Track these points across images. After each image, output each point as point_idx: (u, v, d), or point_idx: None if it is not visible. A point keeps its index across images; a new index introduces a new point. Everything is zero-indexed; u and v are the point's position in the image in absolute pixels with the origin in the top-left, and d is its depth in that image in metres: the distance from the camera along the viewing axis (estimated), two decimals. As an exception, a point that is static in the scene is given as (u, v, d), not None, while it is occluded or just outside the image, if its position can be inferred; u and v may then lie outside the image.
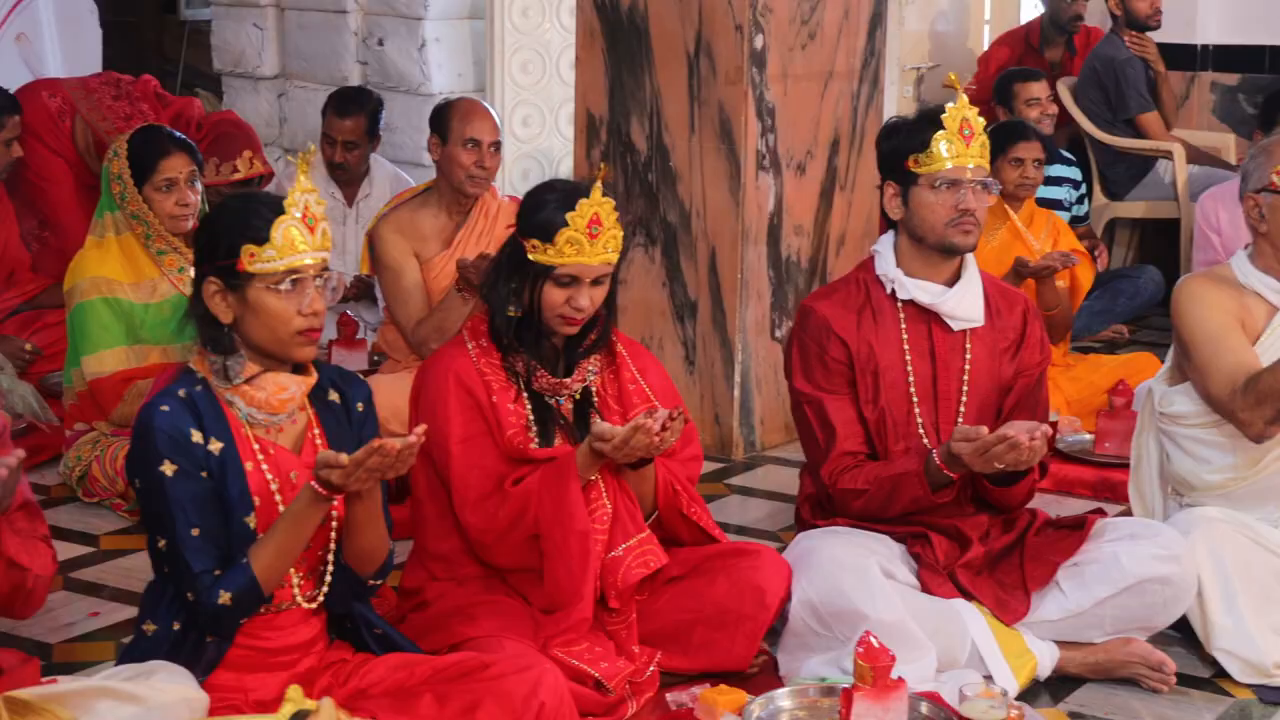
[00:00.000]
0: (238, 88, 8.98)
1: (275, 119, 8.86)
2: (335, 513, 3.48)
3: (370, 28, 8.49)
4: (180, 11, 10.55)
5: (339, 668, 3.60)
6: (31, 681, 3.23)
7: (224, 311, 3.45)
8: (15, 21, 7.67)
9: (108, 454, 5.22)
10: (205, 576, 3.37)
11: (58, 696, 3.13)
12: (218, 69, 9.10)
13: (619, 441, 3.79)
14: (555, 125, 8.36)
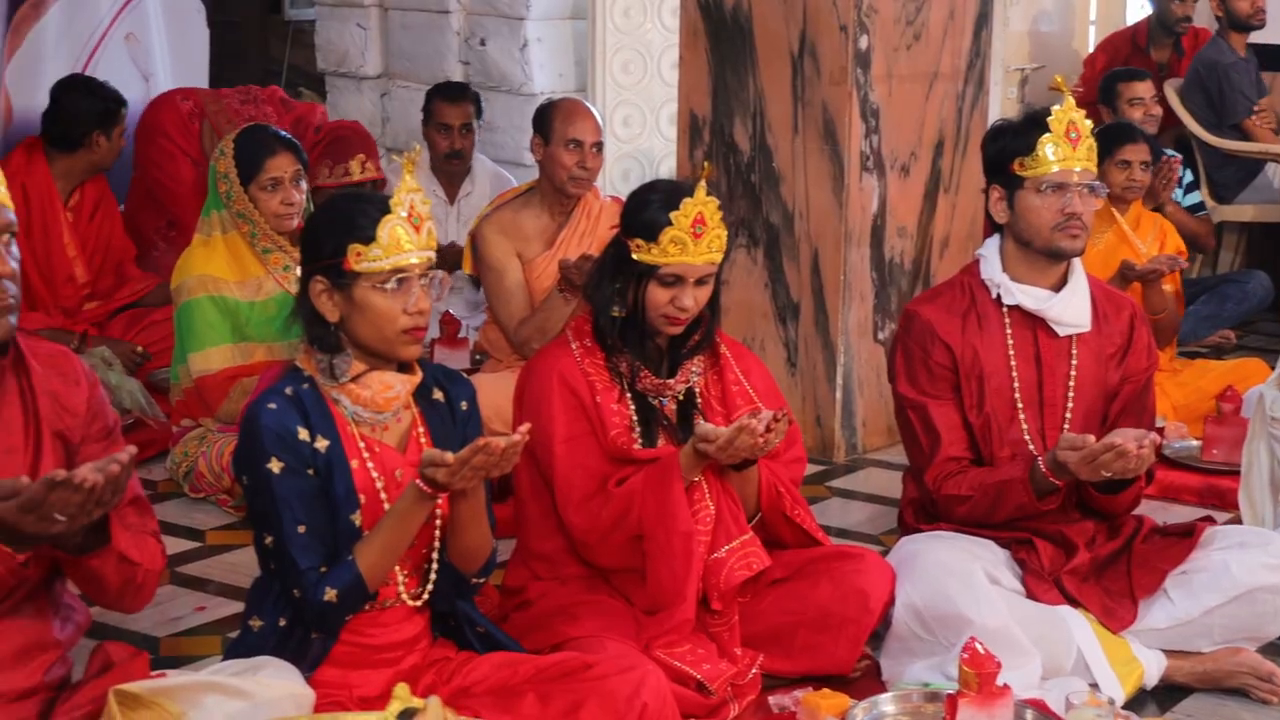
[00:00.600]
0: (341, 87, 9.04)
1: (378, 118, 8.90)
2: (440, 511, 3.50)
3: (472, 28, 8.52)
4: (285, 12, 10.63)
5: (442, 665, 3.61)
6: (141, 675, 3.25)
7: (330, 310, 3.47)
8: (124, 21, 7.74)
9: (214, 450, 5.27)
10: (311, 573, 3.40)
11: (167, 690, 3.15)
12: (321, 69, 9.16)
13: (723, 442, 3.78)
14: (656, 125, 8.36)
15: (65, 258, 6.34)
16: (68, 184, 6.40)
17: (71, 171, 6.39)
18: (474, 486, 3.40)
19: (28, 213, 6.14)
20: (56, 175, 6.36)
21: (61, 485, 2.87)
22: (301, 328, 3.54)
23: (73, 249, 6.36)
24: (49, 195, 6.32)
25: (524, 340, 5.63)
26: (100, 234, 6.52)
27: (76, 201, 6.46)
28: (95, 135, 6.34)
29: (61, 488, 2.88)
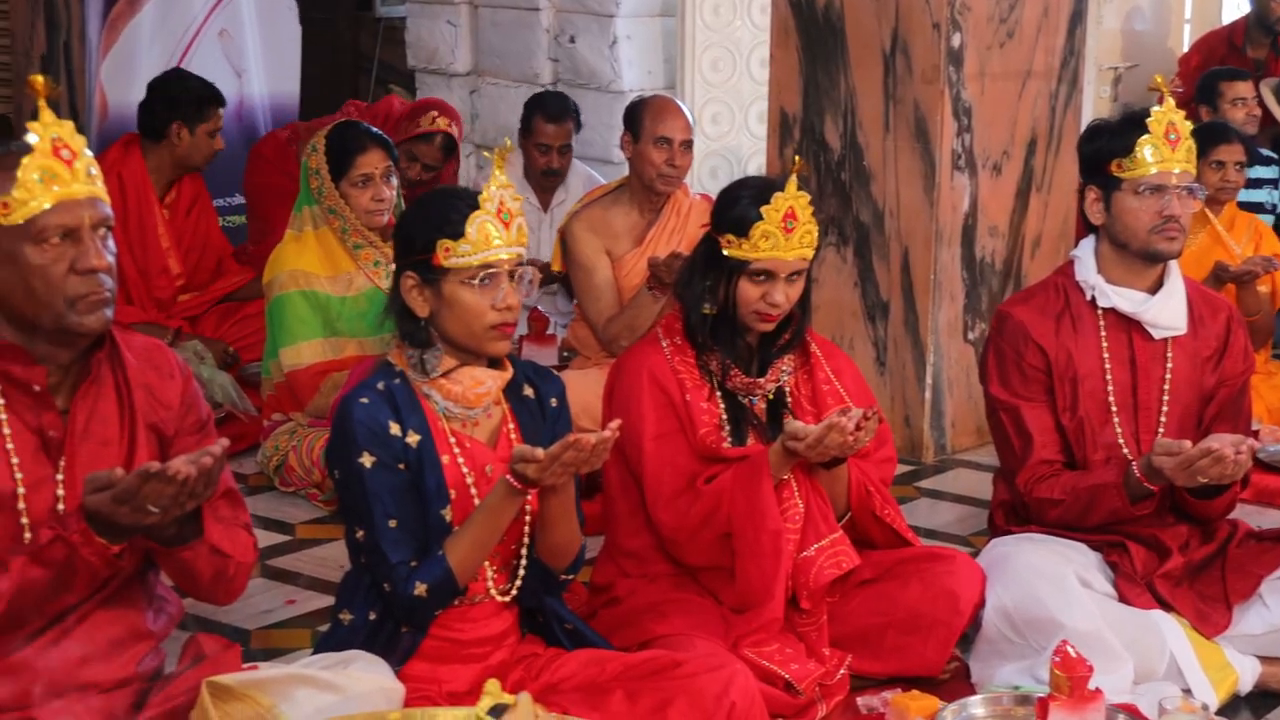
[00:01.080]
0: (431, 84, 9.07)
1: (467, 115, 8.93)
2: (529, 507, 3.50)
3: (562, 25, 8.52)
4: (376, 9, 10.67)
5: (530, 662, 3.61)
6: (233, 667, 3.27)
7: (420, 306, 3.48)
8: (218, 17, 7.81)
9: (304, 444, 5.30)
10: (402, 568, 3.41)
11: (258, 683, 3.17)
12: (411, 65, 9.20)
13: (813, 440, 3.76)
14: (745, 123, 8.34)
15: (159, 250, 6.38)
16: (161, 179, 6.44)
17: (162, 166, 6.43)
18: (564, 483, 3.41)
19: (124, 206, 6.20)
20: (151, 170, 6.40)
21: (155, 477, 2.89)
22: (394, 323, 3.55)
23: (167, 241, 6.41)
24: (144, 189, 6.37)
25: (612, 338, 5.63)
26: (196, 230, 6.57)
27: (173, 198, 6.51)
28: (175, 127, 6.37)
29: (155, 480, 2.90)
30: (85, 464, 3.12)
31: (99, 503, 2.92)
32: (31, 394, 3.10)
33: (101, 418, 3.19)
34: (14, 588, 2.98)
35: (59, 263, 3.02)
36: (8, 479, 3.08)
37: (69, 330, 3.07)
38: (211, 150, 6.44)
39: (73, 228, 3.02)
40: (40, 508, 3.10)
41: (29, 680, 3.11)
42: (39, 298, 3.03)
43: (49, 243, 3.01)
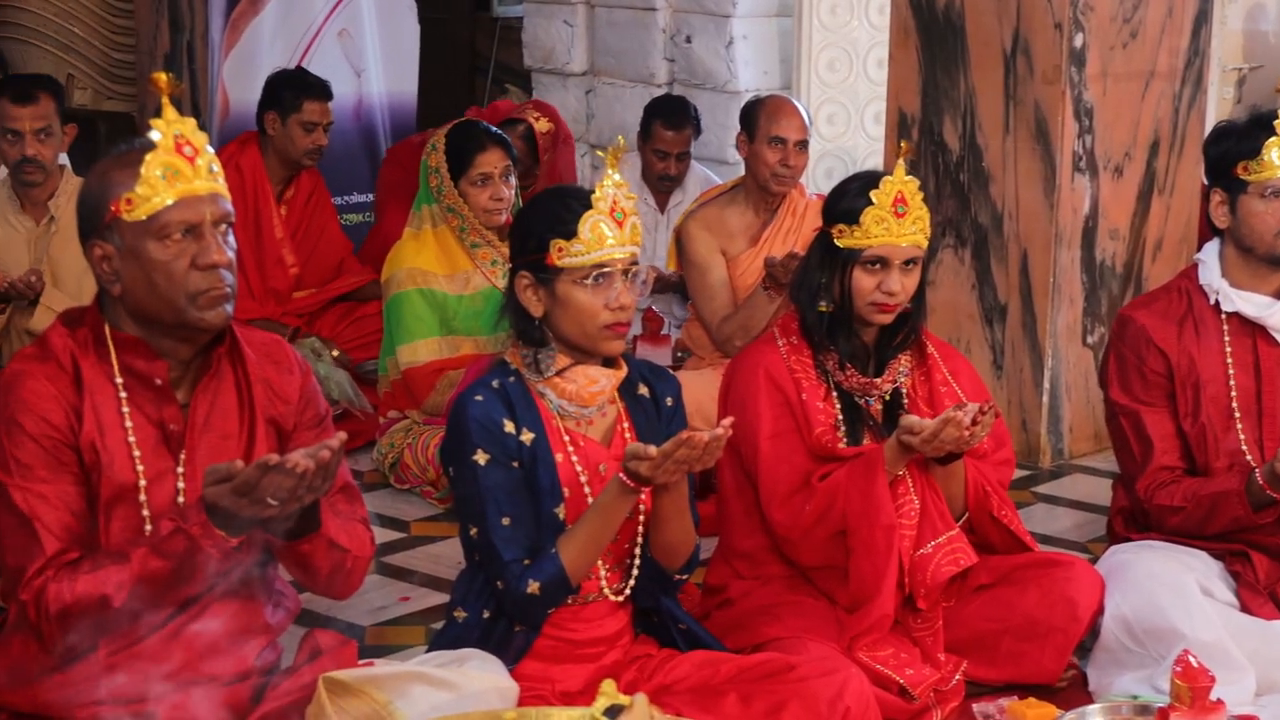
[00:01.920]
0: (547, 84, 9.10)
1: (583, 115, 8.95)
2: (643, 506, 3.50)
3: (678, 25, 8.52)
4: (493, 8, 10.72)
5: (644, 662, 3.61)
6: (349, 663, 3.29)
7: (535, 305, 3.49)
8: (338, 17, 7.87)
9: (419, 442, 5.32)
10: (515, 565, 3.41)
11: (374, 679, 3.18)
12: (528, 65, 9.24)
13: (928, 434, 3.71)
14: (860, 124, 8.30)
15: (274, 241, 6.44)
16: (276, 174, 6.50)
17: (275, 162, 6.49)
18: (677, 481, 3.40)
19: (241, 199, 6.28)
20: (267, 165, 6.47)
21: (274, 470, 2.91)
22: (509, 322, 3.56)
23: (281, 233, 6.47)
24: (260, 183, 6.43)
25: (726, 337, 5.61)
26: (312, 226, 6.62)
27: (290, 194, 6.57)
28: (269, 117, 6.42)
29: (274, 472, 2.91)
30: (205, 457, 3.15)
31: (218, 495, 2.94)
32: (153, 388, 3.14)
33: (222, 411, 3.21)
34: (135, 579, 3.01)
35: (181, 258, 3.04)
36: (130, 471, 3.11)
37: (190, 325, 3.10)
38: (309, 144, 6.43)
39: (194, 224, 3.05)
40: (161, 500, 3.13)
41: (149, 672, 3.14)
42: (161, 293, 3.05)
43: (171, 239, 3.04)
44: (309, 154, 6.46)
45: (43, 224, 5.74)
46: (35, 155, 5.56)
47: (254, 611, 3.28)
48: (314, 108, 6.42)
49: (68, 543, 3.05)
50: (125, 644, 3.11)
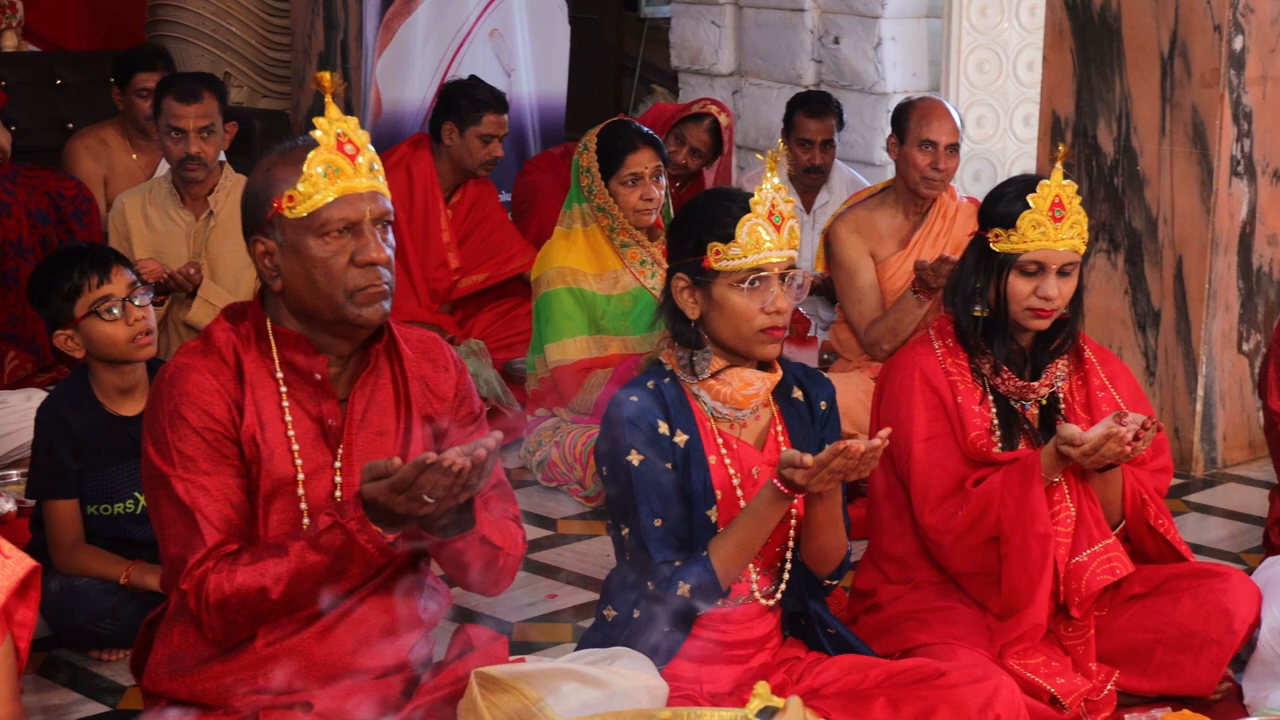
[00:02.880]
0: (693, 84, 9.10)
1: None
2: (794, 511, 3.49)
3: (826, 26, 8.48)
4: (641, 9, 10.75)
5: (792, 665, 3.60)
6: (500, 659, 3.31)
7: (691, 307, 3.49)
8: (490, 17, 7.92)
9: (567, 440, 5.35)
10: (665, 567, 3.41)
11: (525, 675, 3.19)
12: (675, 66, 9.24)
13: (1088, 448, 3.67)
14: (1009, 126, 8.21)
15: (440, 244, 6.49)
16: (446, 179, 6.55)
17: (445, 166, 6.55)
18: (830, 489, 3.38)
19: (410, 201, 6.35)
20: (438, 170, 6.53)
21: (431, 468, 2.94)
22: (665, 323, 3.56)
23: (448, 236, 6.52)
24: (431, 186, 6.48)
25: (874, 341, 5.59)
26: (480, 229, 6.67)
27: (458, 199, 6.62)
28: (447, 126, 6.48)
29: (431, 470, 2.94)
30: (362, 453, 3.18)
31: (376, 491, 2.97)
32: (313, 383, 3.18)
33: (379, 407, 3.25)
34: (291, 572, 3.05)
35: (340, 255, 3.08)
36: (289, 465, 3.15)
37: (348, 321, 3.13)
38: (485, 155, 6.48)
39: (354, 221, 3.08)
40: (319, 494, 3.17)
41: (304, 666, 3.18)
42: (320, 289, 3.09)
43: (331, 235, 3.07)
44: (485, 165, 6.52)
45: (202, 219, 5.83)
46: (198, 153, 5.66)
47: (407, 607, 3.30)
48: (492, 120, 6.46)
49: (227, 535, 3.09)
50: (282, 635, 3.16)
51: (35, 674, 4.05)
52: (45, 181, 6.40)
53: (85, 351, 4.21)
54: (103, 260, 4.25)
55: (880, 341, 5.53)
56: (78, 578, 4.10)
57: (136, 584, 4.10)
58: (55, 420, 4.21)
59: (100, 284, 4.19)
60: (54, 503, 4.18)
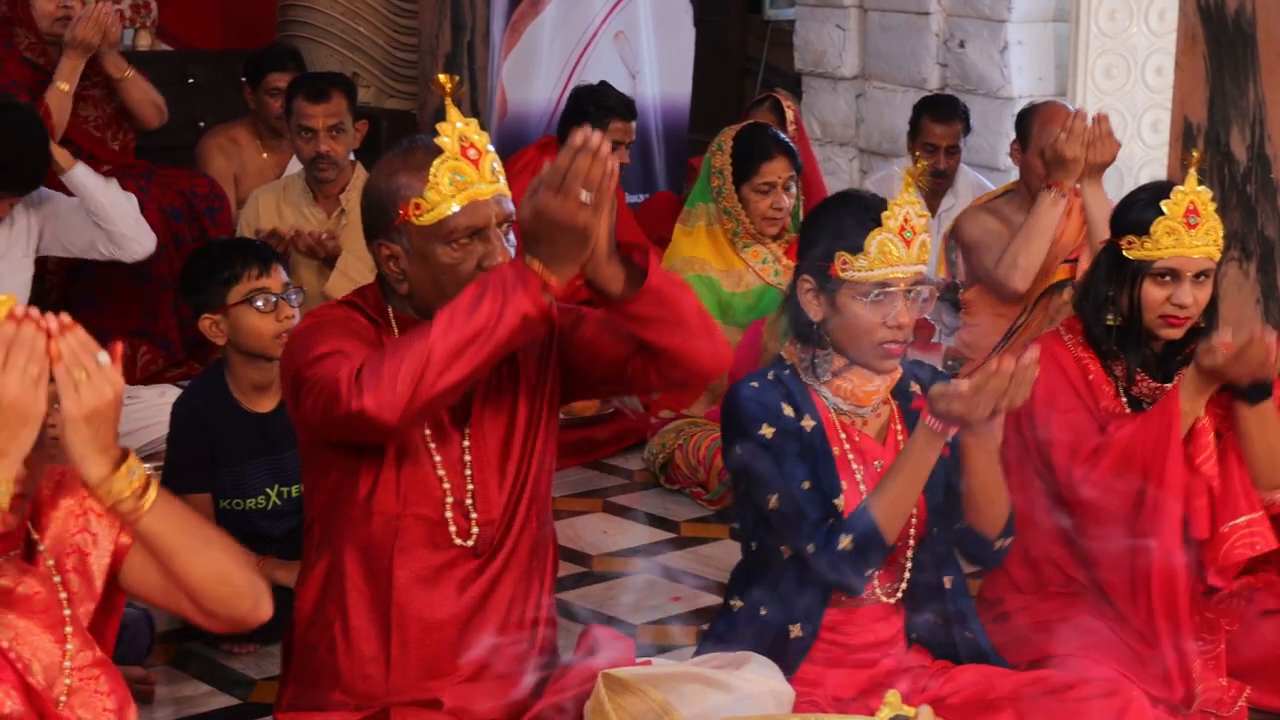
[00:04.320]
0: (817, 87, 9.08)
1: (852, 119, 8.92)
2: (915, 512, 3.46)
3: (952, 29, 8.43)
4: (765, 11, 10.73)
5: (918, 673, 3.57)
6: (627, 661, 3.32)
7: (815, 310, 3.48)
8: (615, 19, 7.95)
9: (690, 443, 5.35)
10: (824, 523, 3.36)
11: (652, 678, 3.20)
12: (798, 68, 9.22)
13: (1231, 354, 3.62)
14: (1137, 132, 8.12)
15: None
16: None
17: None
18: (988, 424, 3.32)
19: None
20: None
21: (582, 150, 2.90)
22: (788, 321, 3.56)
23: None
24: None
25: (1010, 262, 5.52)
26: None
27: None
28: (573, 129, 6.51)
29: (583, 155, 2.90)
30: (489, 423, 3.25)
31: (530, 211, 2.90)
32: None
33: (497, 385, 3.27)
34: (446, 315, 2.94)
35: (467, 260, 3.11)
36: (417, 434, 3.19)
37: None
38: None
39: (480, 227, 3.11)
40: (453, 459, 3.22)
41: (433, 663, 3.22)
42: (447, 294, 3.10)
43: (458, 242, 3.10)
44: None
45: (334, 216, 5.90)
46: (328, 151, 5.73)
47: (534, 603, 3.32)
48: (620, 127, 6.48)
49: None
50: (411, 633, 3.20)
51: (168, 665, 4.13)
52: (178, 180, 6.50)
53: (227, 340, 4.28)
54: (264, 256, 4.36)
55: (1016, 257, 5.43)
56: (210, 571, 4.16)
57: (267, 578, 4.14)
58: (190, 414, 4.28)
59: (259, 276, 4.28)
60: (188, 497, 4.24)
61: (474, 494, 3.23)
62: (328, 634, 3.25)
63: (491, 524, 3.24)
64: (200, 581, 2.64)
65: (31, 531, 2.67)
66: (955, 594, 3.57)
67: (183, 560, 2.61)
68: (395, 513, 3.19)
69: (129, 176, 6.40)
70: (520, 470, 3.28)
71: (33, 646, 2.61)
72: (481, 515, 3.23)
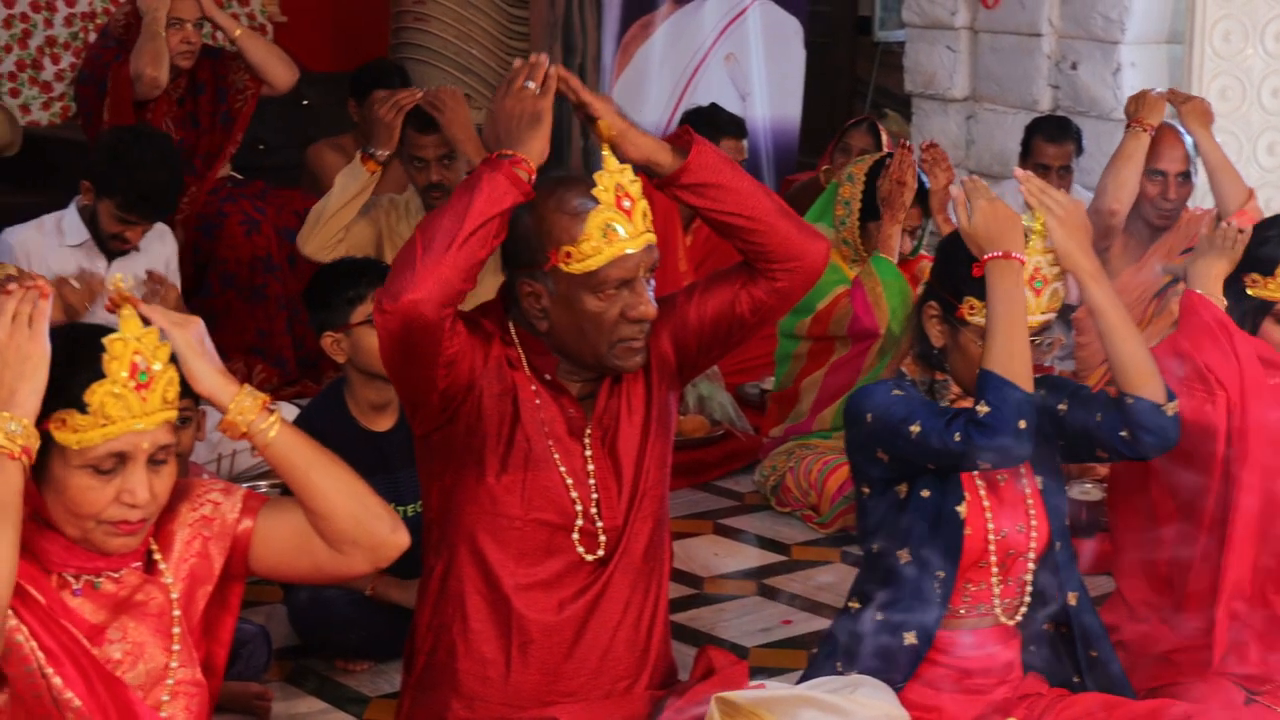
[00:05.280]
0: (927, 109, 9.05)
1: (962, 141, 8.87)
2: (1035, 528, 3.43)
3: (1064, 51, 8.37)
4: (874, 33, 10.71)
5: (1033, 701, 3.52)
6: (741, 683, 3.32)
7: (936, 336, 3.47)
8: (726, 41, 7.96)
9: (802, 465, 5.34)
10: (958, 416, 3.29)
11: (765, 701, 3.20)
12: (908, 90, 9.19)
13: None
14: (1253, 154, 8.02)
15: (676, 273, 6.53)
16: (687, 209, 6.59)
17: None
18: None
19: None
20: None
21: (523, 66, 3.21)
22: (911, 341, 3.56)
23: (685, 265, 6.57)
24: (670, 215, 6.52)
25: (1100, 190, 5.58)
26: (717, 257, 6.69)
27: (697, 225, 6.68)
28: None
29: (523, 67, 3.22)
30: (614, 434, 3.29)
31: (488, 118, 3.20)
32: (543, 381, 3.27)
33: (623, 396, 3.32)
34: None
35: (612, 308, 3.16)
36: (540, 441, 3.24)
37: (605, 368, 3.23)
38: None
39: (628, 279, 3.15)
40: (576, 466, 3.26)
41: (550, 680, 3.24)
42: (588, 339, 3.18)
43: (605, 293, 3.15)
44: None
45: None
46: (439, 180, 5.77)
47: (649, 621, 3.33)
48: (731, 145, 6.48)
49: None
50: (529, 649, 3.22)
51: (284, 681, 4.16)
52: (292, 201, 6.59)
53: (347, 359, 4.32)
54: None
55: (1105, 183, 5.57)
56: (326, 588, 4.18)
57: (381, 596, 4.19)
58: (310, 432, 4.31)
59: None
60: None
61: (598, 502, 3.26)
62: (447, 637, 3.29)
63: (614, 530, 3.27)
64: (336, 498, 2.74)
65: (153, 546, 2.75)
66: (1080, 611, 3.52)
67: (318, 475, 2.74)
68: (516, 516, 3.23)
69: (245, 196, 6.50)
70: (639, 476, 3.31)
71: (140, 648, 2.70)
72: (607, 522, 3.27)
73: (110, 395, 2.55)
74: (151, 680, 2.70)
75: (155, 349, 2.60)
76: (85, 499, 2.60)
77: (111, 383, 2.55)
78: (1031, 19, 8.37)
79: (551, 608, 3.25)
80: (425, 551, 3.36)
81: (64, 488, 2.60)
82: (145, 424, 2.59)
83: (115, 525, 2.63)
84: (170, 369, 2.63)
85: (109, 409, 2.55)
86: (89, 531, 2.63)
